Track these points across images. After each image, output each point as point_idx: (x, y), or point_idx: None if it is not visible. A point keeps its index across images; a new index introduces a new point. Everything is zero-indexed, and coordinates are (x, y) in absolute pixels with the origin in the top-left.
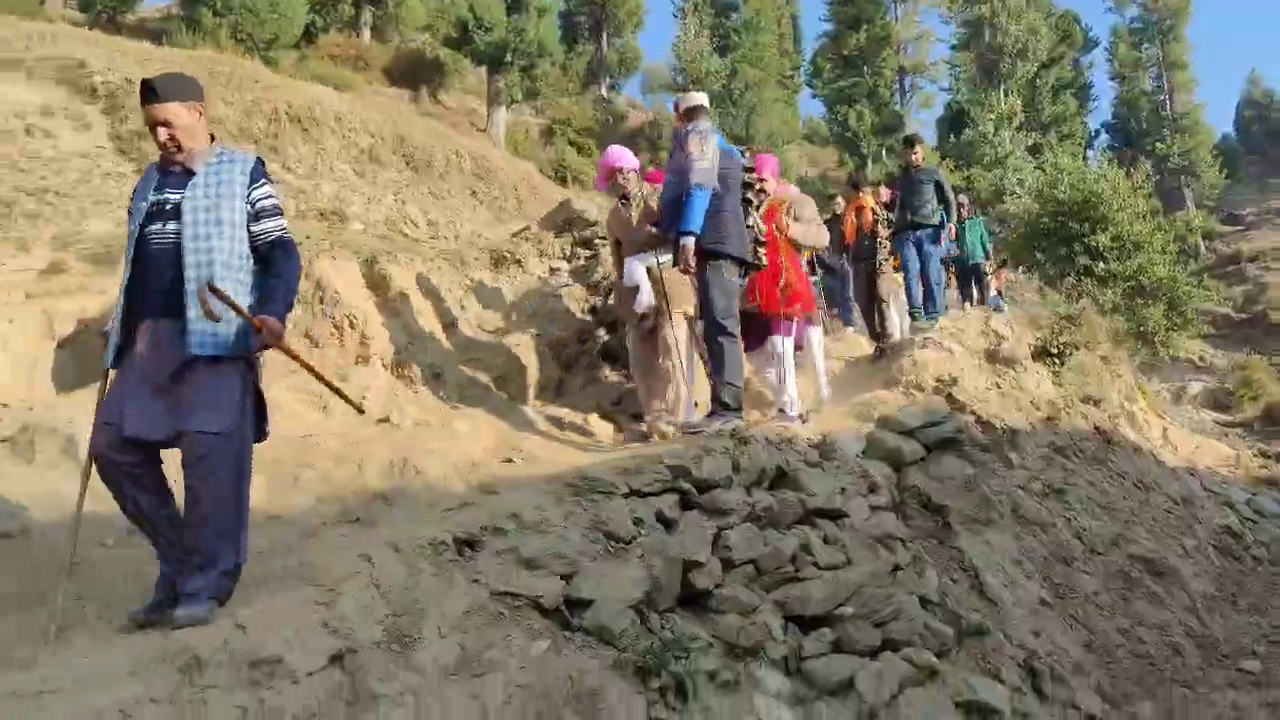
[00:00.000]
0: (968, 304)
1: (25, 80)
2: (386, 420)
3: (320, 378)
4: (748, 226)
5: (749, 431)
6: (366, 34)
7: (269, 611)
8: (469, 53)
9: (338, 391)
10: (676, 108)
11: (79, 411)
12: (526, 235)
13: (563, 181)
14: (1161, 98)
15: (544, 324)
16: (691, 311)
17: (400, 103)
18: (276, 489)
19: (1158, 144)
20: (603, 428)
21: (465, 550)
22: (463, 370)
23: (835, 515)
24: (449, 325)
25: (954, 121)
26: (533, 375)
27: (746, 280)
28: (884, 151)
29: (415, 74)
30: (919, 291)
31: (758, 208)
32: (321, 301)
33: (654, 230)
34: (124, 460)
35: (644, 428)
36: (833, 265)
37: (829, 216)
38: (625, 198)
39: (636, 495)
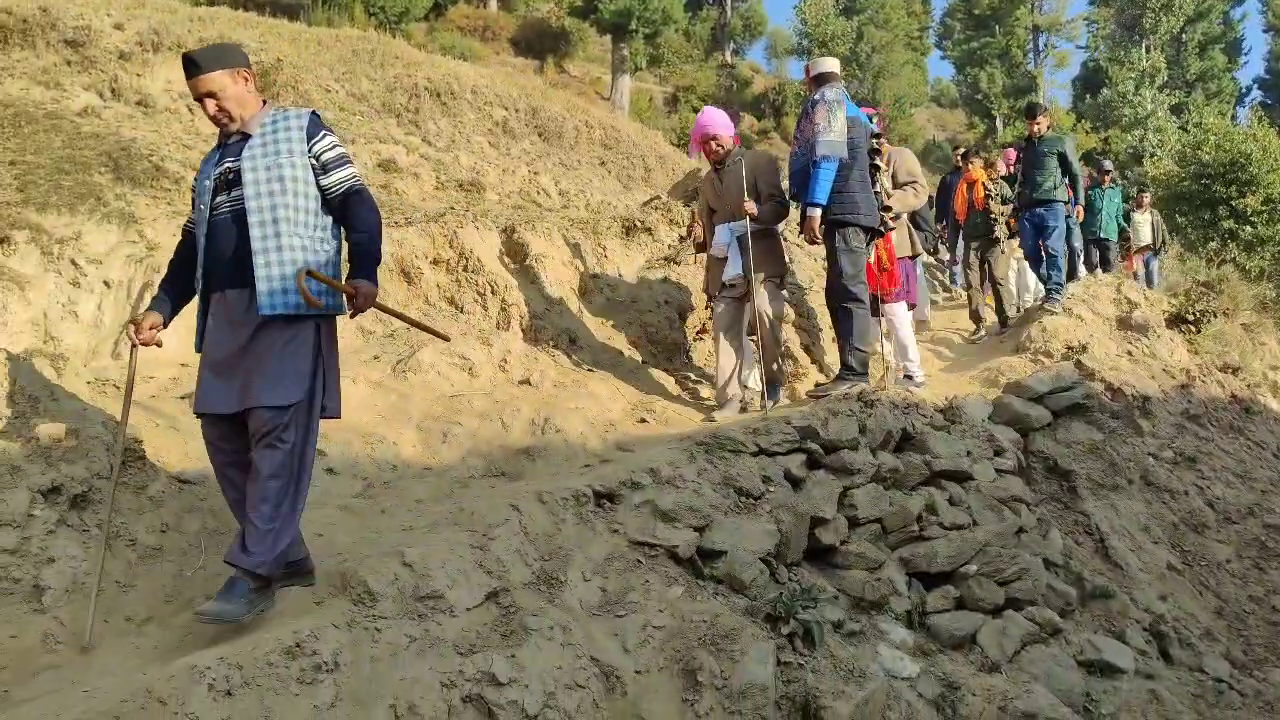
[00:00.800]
0: (1098, 270)
1: None
2: (527, 382)
3: (404, 318)
4: (875, 193)
5: (875, 395)
6: (493, 4)
7: (431, 552)
8: (594, 21)
9: (422, 326)
10: (807, 72)
11: None
12: (656, 204)
13: (685, 148)
14: None
15: (673, 291)
16: (777, 281)
17: (528, 73)
18: (429, 444)
19: None
20: None
21: (605, 503)
22: (596, 335)
23: (961, 477)
24: (583, 292)
25: (1089, 80)
26: (663, 340)
27: (872, 247)
28: (1015, 115)
29: (541, 44)
30: (1048, 272)
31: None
32: (465, 269)
33: (749, 200)
34: (222, 447)
35: (721, 401)
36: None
37: (950, 170)
38: (719, 164)
39: (765, 454)
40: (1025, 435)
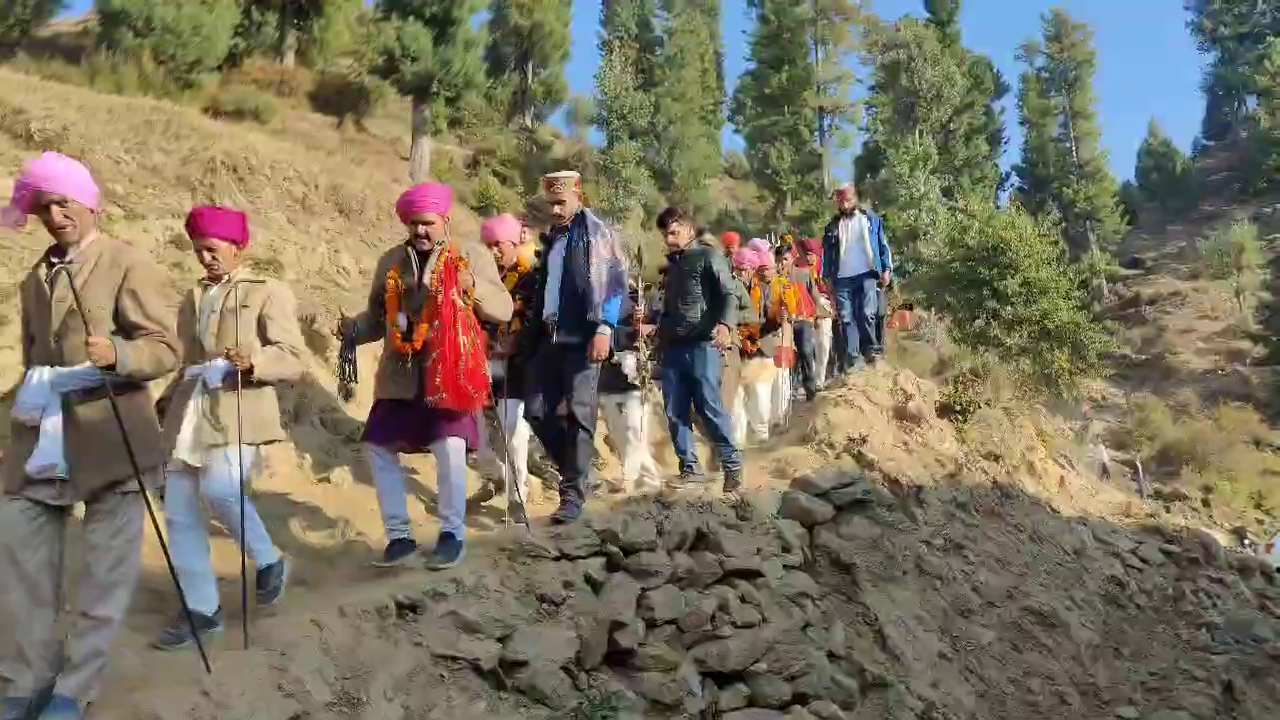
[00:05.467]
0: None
1: None
2: (327, 480)
3: None
4: None
5: (672, 497)
6: (290, 58)
7: (228, 675)
8: (395, 82)
9: None
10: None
11: None
12: None
13: (485, 212)
14: (1068, 144)
15: None
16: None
17: (326, 130)
18: (219, 550)
19: (1064, 188)
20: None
21: (407, 614)
22: None
23: (751, 575)
24: None
25: (870, 160)
26: None
27: None
28: (802, 189)
29: (340, 101)
30: (720, 447)
31: None
32: None
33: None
34: None
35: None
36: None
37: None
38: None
39: (566, 559)
40: (810, 529)
